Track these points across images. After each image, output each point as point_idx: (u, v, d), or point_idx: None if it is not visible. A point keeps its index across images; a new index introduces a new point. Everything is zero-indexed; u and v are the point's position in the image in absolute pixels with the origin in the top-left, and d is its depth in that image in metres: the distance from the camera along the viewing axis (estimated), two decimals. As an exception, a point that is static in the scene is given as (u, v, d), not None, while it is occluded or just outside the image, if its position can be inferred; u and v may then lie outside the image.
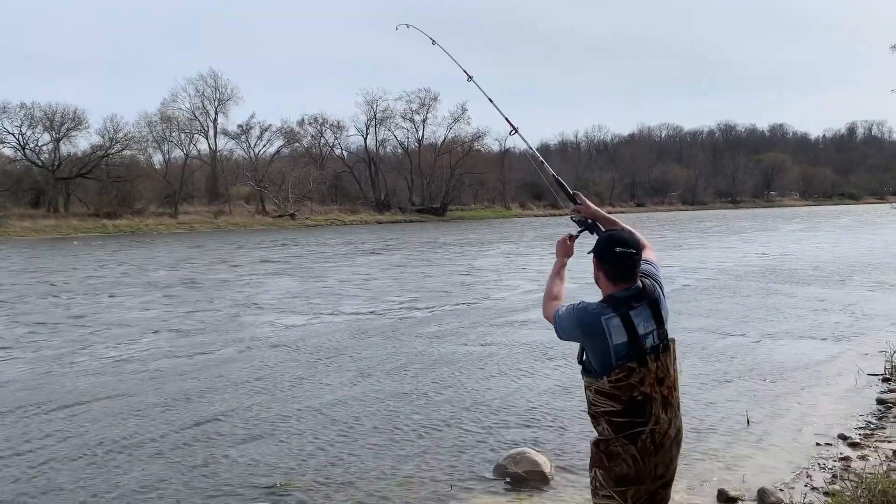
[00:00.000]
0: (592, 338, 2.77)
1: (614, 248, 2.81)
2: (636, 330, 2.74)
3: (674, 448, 2.83)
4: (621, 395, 2.73)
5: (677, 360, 2.89)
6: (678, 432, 2.85)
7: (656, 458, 2.76)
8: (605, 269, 2.85)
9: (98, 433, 6.48)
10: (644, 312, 2.78)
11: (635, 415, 2.73)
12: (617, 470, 2.76)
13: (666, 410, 2.77)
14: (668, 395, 2.79)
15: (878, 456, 5.35)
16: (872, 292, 14.79)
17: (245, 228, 54.60)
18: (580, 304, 2.85)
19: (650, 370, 2.74)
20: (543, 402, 7.18)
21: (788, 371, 8.28)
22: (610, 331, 2.73)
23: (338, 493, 5.06)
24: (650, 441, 2.74)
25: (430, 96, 74.76)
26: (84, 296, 16.76)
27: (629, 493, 2.76)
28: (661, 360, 2.78)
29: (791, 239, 33.17)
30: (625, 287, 2.81)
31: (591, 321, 2.76)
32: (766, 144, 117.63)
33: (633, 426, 2.73)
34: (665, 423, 2.77)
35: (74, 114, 57.75)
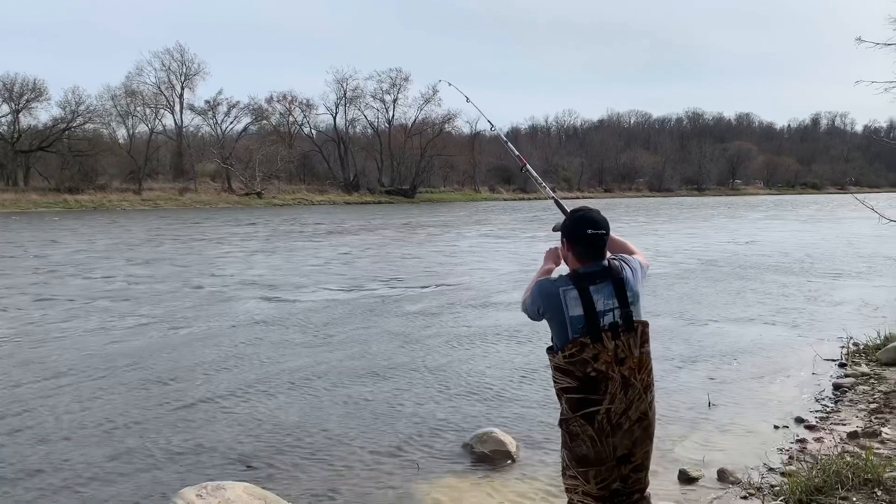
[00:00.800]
0: (550, 309, 2.80)
1: (586, 230, 2.83)
2: (593, 305, 2.75)
3: (637, 430, 2.83)
4: (575, 371, 2.76)
5: (647, 343, 2.87)
6: (643, 416, 2.84)
7: (614, 439, 2.79)
8: (575, 250, 2.87)
9: (68, 409, 6.39)
10: (606, 289, 2.78)
11: (589, 391, 2.75)
12: (577, 451, 2.81)
13: (626, 392, 2.77)
14: (630, 377, 2.78)
15: (833, 438, 5.51)
16: (832, 280, 15.15)
17: (211, 206, 53.91)
18: (543, 276, 2.93)
19: (606, 348, 2.74)
20: (511, 384, 7.24)
21: (749, 356, 8.46)
22: (566, 302, 2.76)
23: (305, 471, 5.07)
24: (606, 422, 2.77)
25: (402, 76, 74.44)
26: (56, 272, 16.42)
27: (591, 474, 2.81)
28: (622, 339, 2.77)
29: (755, 227, 33.77)
30: (591, 265, 2.83)
31: (550, 290, 2.81)
32: (732, 133, 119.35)
33: (589, 404, 2.75)
34: (623, 403, 2.77)
35: (34, 84, 56.34)
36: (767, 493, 4.52)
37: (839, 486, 4.26)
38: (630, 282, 2.86)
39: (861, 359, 8.02)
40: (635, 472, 2.89)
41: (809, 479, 4.39)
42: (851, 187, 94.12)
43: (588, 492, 2.84)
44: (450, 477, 4.98)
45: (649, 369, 2.89)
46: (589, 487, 2.82)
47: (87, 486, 4.81)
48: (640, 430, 2.85)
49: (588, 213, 2.88)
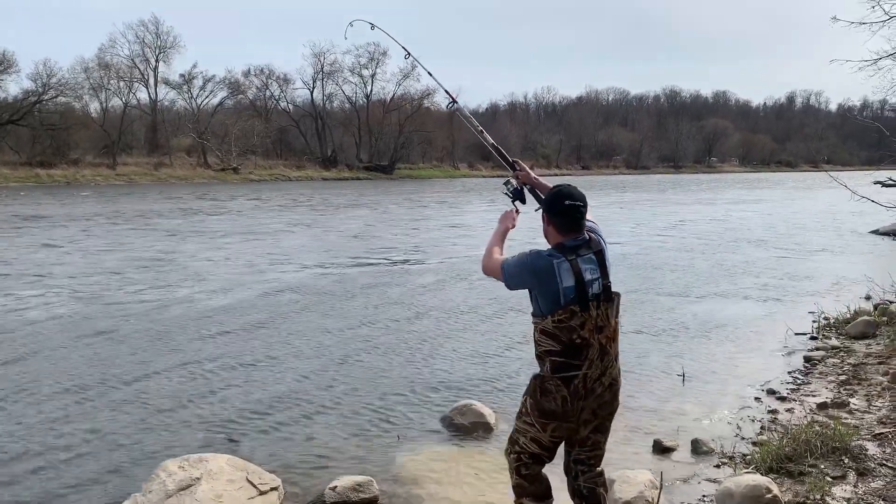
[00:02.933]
0: (544, 281, 2.92)
1: (563, 202, 2.99)
2: (583, 275, 2.91)
3: (606, 395, 3.01)
4: (561, 336, 2.91)
5: (619, 313, 3.05)
6: (613, 381, 3.02)
7: (585, 402, 2.97)
8: (554, 222, 3.01)
9: (49, 380, 6.36)
10: (590, 261, 2.95)
11: (571, 356, 2.91)
12: (546, 405, 2.98)
13: (602, 358, 2.95)
14: (607, 345, 2.97)
15: (803, 409, 5.66)
16: (805, 256, 15.40)
17: (186, 181, 53.25)
18: (530, 250, 3.01)
19: (591, 316, 2.91)
20: (490, 357, 7.32)
21: (723, 330, 8.61)
22: (560, 274, 2.90)
23: (286, 444, 5.11)
24: (582, 386, 2.94)
25: (380, 51, 73.41)
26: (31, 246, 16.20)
27: (550, 427, 3.01)
28: (602, 308, 2.95)
29: (730, 204, 34.12)
30: (573, 237, 2.98)
31: (544, 264, 2.93)
32: (709, 111, 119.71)
33: (569, 368, 2.92)
34: (598, 369, 2.95)
35: (3, 56, 54.81)
36: (739, 462, 4.64)
37: (808, 455, 4.40)
38: (606, 253, 3.03)
39: (832, 332, 8.21)
40: (595, 432, 3.07)
41: (780, 448, 4.52)
42: (825, 165, 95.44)
43: (538, 438, 3.05)
44: (430, 448, 5.05)
45: (618, 339, 3.08)
46: (542, 436, 3.03)
47: (69, 458, 4.81)
48: (609, 395, 3.03)
49: (566, 188, 3.06)
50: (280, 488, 4.17)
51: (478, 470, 4.68)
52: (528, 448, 3.09)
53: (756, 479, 3.99)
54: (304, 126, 71.44)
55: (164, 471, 3.95)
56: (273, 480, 4.18)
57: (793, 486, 4.12)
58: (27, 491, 4.37)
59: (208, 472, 3.98)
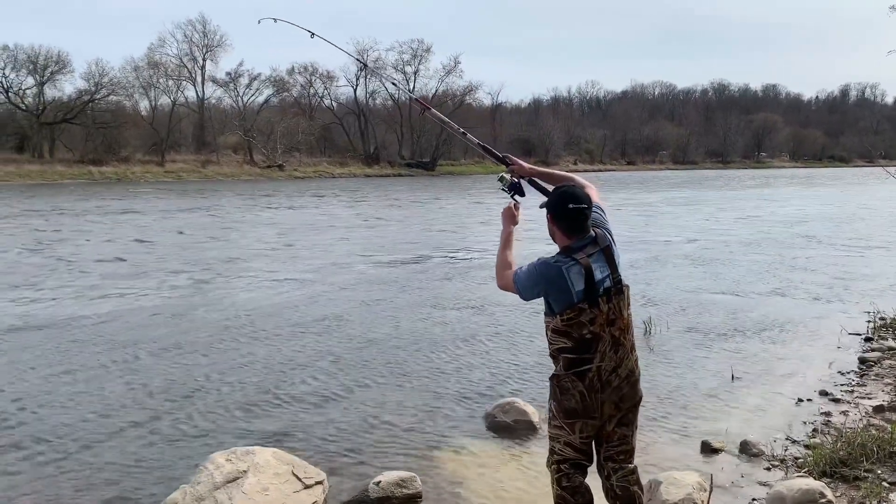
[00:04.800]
0: (557, 288, 2.95)
1: (567, 205, 2.98)
2: (593, 275, 2.92)
3: (625, 387, 3.00)
4: (572, 333, 2.93)
5: (630, 304, 3.05)
6: (630, 373, 3.01)
7: (603, 395, 2.95)
8: (559, 225, 3.04)
9: (99, 375, 6.53)
10: (599, 259, 2.97)
11: (583, 351, 2.93)
12: (566, 403, 2.99)
13: (616, 350, 2.95)
14: (620, 337, 2.97)
15: (858, 411, 5.49)
16: (860, 254, 14.95)
17: (233, 179, 54.12)
18: (537, 260, 3.04)
19: (602, 311, 2.92)
20: (532, 356, 7.26)
21: (774, 329, 8.41)
22: (571, 278, 2.92)
23: (330, 438, 5.15)
24: (597, 379, 2.93)
25: (423, 47, 73.81)
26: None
27: (577, 426, 3.00)
28: (614, 302, 2.96)
29: (784, 199, 33.32)
30: (579, 238, 2.99)
31: (555, 272, 2.95)
32: (758, 105, 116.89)
33: (582, 363, 2.93)
34: (612, 361, 2.95)
35: (58, 56, 56.55)
36: (791, 465, 4.53)
37: (864, 459, 4.26)
38: (614, 248, 3.04)
39: (888, 333, 7.95)
40: (621, 426, 3.05)
41: (834, 452, 4.39)
42: (881, 160, 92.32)
43: (570, 442, 3.03)
44: (472, 445, 5.04)
45: (632, 331, 3.06)
46: (572, 438, 3.02)
47: (120, 450, 4.92)
48: (628, 387, 3.01)
49: (569, 190, 3.05)
50: (325, 482, 4.20)
51: (519, 468, 4.66)
52: (564, 454, 3.06)
53: (809, 482, 3.89)
54: (347, 123, 72.01)
55: (211, 463, 4.01)
56: (318, 474, 4.21)
57: (847, 492, 3.99)
58: (78, 481, 4.48)
59: (255, 466, 4.03)
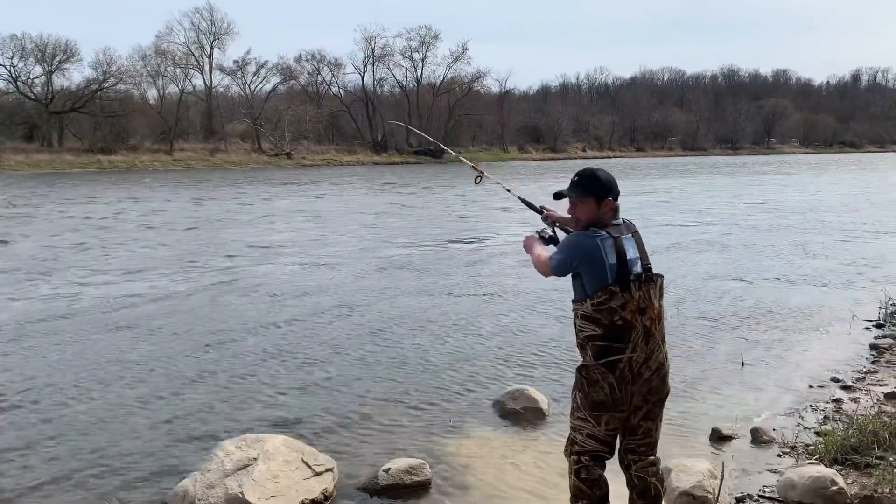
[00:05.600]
0: (591, 259, 2.91)
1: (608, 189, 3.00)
2: (625, 253, 2.90)
3: (654, 380, 2.96)
4: (602, 319, 2.88)
5: (663, 295, 3.02)
6: (660, 366, 2.98)
7: (633, 387, 2.92)
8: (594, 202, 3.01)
9: (111, 362, 6.56)
10: (630, 241, 2.96)
11: (614, 339, 2.88)
12: (594, 396, 2.94)
13: (647, 341, 2.91)
14: (651, 327, 2.92)
15: (870, 398, 5.46)
16: (871, 240, 14.84)
17: (241, 167, 54.18)
18: (575, 233, 3.06)
19: (633, 297, 2.88)
20: (542, 344, 7.26)
21: (784, 316, 8.36)
22: (605, 250, 2.90)
23: (340, 426, 5.16)
24: (628, 370, 2.89)
25: (431, 34, 73.47)
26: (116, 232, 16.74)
27: (603, 419, 2.97)
28: (644, 290, 2.92)
29: (795, 186, 33.10)
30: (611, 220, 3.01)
31: (590, 243, 2.93)
32: (768, 90, 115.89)
33: (613, 352, 2.88)
34: (644, 353, 2.91)
35: (66, 45, 56.65)
36: (802, 452, 4.51)
37: (876, 446, 4.24)
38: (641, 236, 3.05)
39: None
40: (646, 419, 3.02)
41: (845, 439, 4.37)
42: (892, 145, 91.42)
43: (594, 434, 3.00)
44: (482, 433, 5.04)
45: (664, 322, 3.04)
46: (597, 430, 2.98)
47: (130, 437, 4.95)
48: (658, 380, 2.98)
49: (601, 172, 3.06)
50: (334, 469, 4.21)
51: (529, 456, 4.66)
52: (586, 446, 3.02)
53: (820, 470, 3.87)
54: (354, 111, 71.88)
55: (222, 451, 4.02)
56: (328, 462, 4.23)
57: (859, 479, 3.97)
58: (88, 468, 4.51)
59: (265, 453, 4.04)
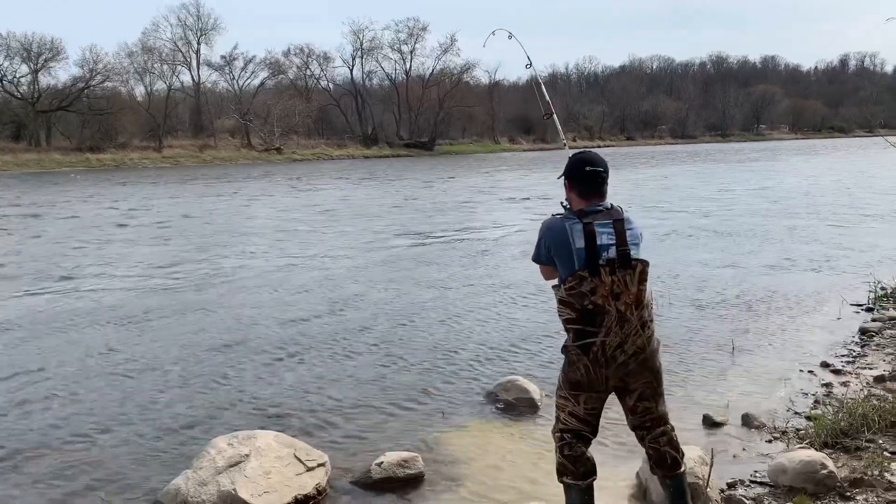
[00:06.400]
0: (558, 242, 2.98)
1: (584, 168, 3.05)
2: (595, 239, 2.93)
3: (631, 363, 2.99)
4: (575, 303, 2.95)
5: (644, 280, 3.00)
6: (638, 350, 2.99)
7: (607, 370, 2.97)
8: (575, 189, 3.07)
9: (100, 359, 6.54)
10: (607, 228, 2.97)
11: (587, 323, 2.94)
12: (572, 376, 3.04)
13: (622, 326, 2.93)
14: (626, 311, 2.93)
15: (860, 382, 5.49)
16: (859, 224, 14.92)
17: (231, 162, 53.99)
18: (545, 219, 3.12)
19: (603, 282, 2.91)
20: (534, 334, 7.27)
21: (774, 301, 8.40)
22: (573, 235, 2.95)
23: (332, 420, 5.15)
24: (601, 353, 2.94)
25: (419, 26, 73.28)
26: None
27: (581, 398, 3.06)
28: (619, 275, 2.93)
29: (783, 171, 33.21)
30: (594, 203, 3.02)
31: (556, 225, 3.02)
32: (757, 77, 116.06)
33: (586, 335, 2.94)
34: (618, 337, 2.94)
35: (52, 43, 56.19)
36: (792, 437, 4.53)
37: (865, 429, 4.26)
38: (631, 222, 3.03)
39: (889, 303, 7.95)
40: (641, 400, 3.08)
41: (835, 423, 4.39)
42: (881, 130, 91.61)
43: (574, 412, 3.09)
44: (474, 424, 5.05)
45: (647, 305, 3.02)
46: (577, 409, 3.07)
47: (121, 437, 4.93)
48: (635, 364, 3.00)
49: (586, 153, 3.13)
50: (327, 464, 4.21)
51: (521, 446, 4.67)
52: (568, 424, 3.11)
53: (810, 454, 3.89)
54: (344, 105, 71.63)
55: (213, 448, 4.01)
56: (320, 457, 4.22)
57: (849, 462, 4.00)
58: (79, 469, 4.48)
59: (257, 449, 4.03)
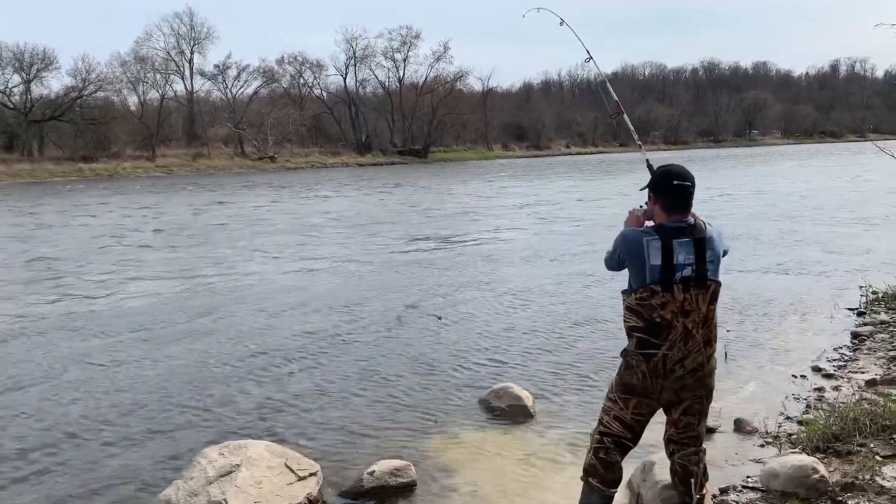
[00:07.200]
0: (634, 255, 2.98)
1: (671, 181, 2.99)
2: (672, 257, 2.92)
3: (688, 378, 3.02)
4: (643, 314, 2.97)
5: (715, 300, 3.02)
6: (698, 367, 3.03)
7: (664, 381, 3.01)
8: (660, 202, 3.04)
9: (95, 370, 6.50)
10: (687, 246, 2.95)
11: (652, 334, 2.97)
12: (627, 378, 3.06)
13: (686, 342, 2.96)
14: (693, 329, 2.96)
15: (851, 386, 5.50)
16: (851, 228, 14.97)
17: (225, 171, 53.85)
18: (624, 229, 3.12)
19: (675, 298, 2.93)
20: (527, 341, 7.26)
21: (766, 305, 8.42)
22: (649, 251, 2.94)
23: (324, 428, 5.14)
24: (661, 365, 2.98)
25: (412, 34, 73.32)
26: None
27: (631, 403, 3.07)
28: (692, 293, 2.95)
29: (776, 175, 33.32)
30: (676, 219, 2.99)
31: (635, 239, 3.00)
32: (749, 83, 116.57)
33: (649, 345, 2.98)
34: (681, 352, 2.97)
35: (44, 53, 55.97)
36: (784, 442, 4.53)
37: (857, 433, 4.27)
38: (713, 242, 3.01)
39: (880, 307, 7.97)
40: (686, 414, 3.11)
41: (827, 427, 4.40)
42: (871, 134, 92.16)
43: (620, 416, 3.10)
44: (467, 432, 5.03)
45: (713, 325, 3.06)
46: (625, 413, 3.09)
47: (112, 446, 4.90)
48: (692, 380, 3.04)
49: (674, 167, 3.06)
50: (318, 474, 4.19)
51: (514, 454, 4.65)
52: (610, 428, 3.12)
53: (802, 458, 3.89)
54: (337, 112, 71.64)
55: (204, 458, 3.99)
56: (312, 466, 4.20)
57: (841, 466, 4.00)
58: (70, 478, 4.46)
59: (248, 459, 4.01)
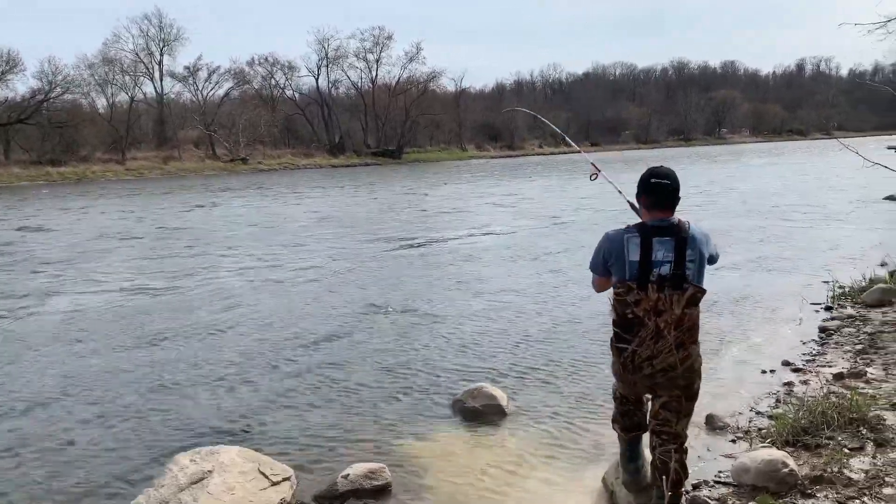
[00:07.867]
0: (616, 253, 3.06)
1: (650, 180, 3.09)
2: (650, 254, 2.98)
3: (658, 377, 3.08)
4: (618, 308, 3.09)
5: (692, 305, 3.02)
6: (668, 367, 3.05)
7: (634, 376, 3.13)
8: (643, 200, 3.13)
9: (60, 374, 6.39)
10: (667, 244, 3.00)
11: (624, 330, 3.08)
12: (614, 367, 3.27)
13: (656, 341, 3.01)
14: (665, 329, 3.00)
15: (819, 380, 5.59)
16: (817, 224, 15.23)
17: (196, 174, 53.28)
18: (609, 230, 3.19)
19: (649, 297, 2.98)
20: (500, 341, 7.27)
21: (735, 301, 8.52)
22: (628, 247, 3.02)
23: (297, 433, 5.10)
24: (630, 360, 3.09)
25: (384, 35, 73.22)
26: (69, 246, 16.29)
27: (621, 385, 3.32)
28: (666, 293, 2.98)
29: (742, 174, 33.79)
30: (659, 217, 3.05)
31: (616, 237, 3.09)
32: (718, 82, 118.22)
33: (621, 340, 3.11)
34: (649, 350, 3.03)
35: (8, 55, 54.88)
36: (755, 437, 4.59)
37: (825, 426, 4.34)
38: (696, 241, 3.03)
39: (847, 301, 8.11)
40: (664, 409, 3.17)
41: (796, 421, 4.46)
42: (836, 132, 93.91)
43: (620, 389, 3.38)
44: (441, 433, 5.03)
45: (689, 329, 3.06)
46: (623, 390, 3.36)
47: (81, 455, 4.82)
48: (663, 379, 3.09)
49: (657, 168, 3.15)
50: (292, 478, 4.16)
51: (490, 454, 4.66)
52: (617, 390, 3.41)
53: (772, 453, 3.95)
54: (310, 113, 71.24)
55: (175, 465, 3.95)
56: (285, 471, 4.17)
57: (810, 459, 4.06)
58: (38, 487, 4.39)
59: (220, 465, 3.97)
